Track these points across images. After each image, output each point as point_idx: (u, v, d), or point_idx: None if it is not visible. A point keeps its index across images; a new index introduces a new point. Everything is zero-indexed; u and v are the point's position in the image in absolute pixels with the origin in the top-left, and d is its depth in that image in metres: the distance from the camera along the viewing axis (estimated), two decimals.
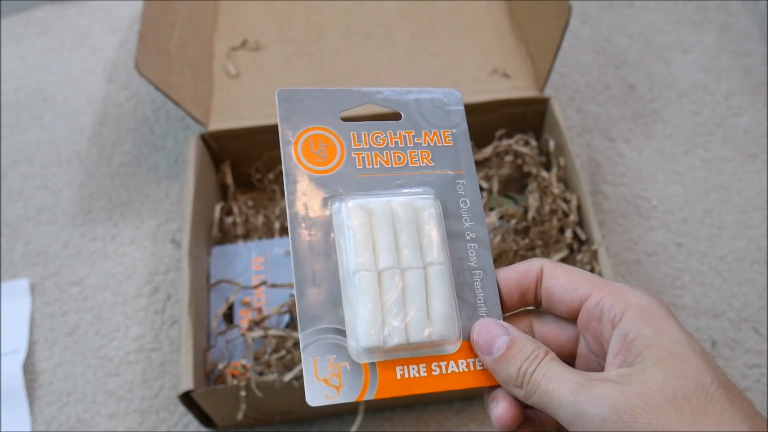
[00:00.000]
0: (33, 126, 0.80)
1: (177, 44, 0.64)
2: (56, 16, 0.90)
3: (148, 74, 0.57)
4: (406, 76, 0.69)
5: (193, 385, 0.50)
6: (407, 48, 0.71)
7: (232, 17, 0.75)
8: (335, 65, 0.70)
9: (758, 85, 0.79)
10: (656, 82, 0.80)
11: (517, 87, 0.66)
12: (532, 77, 0.67)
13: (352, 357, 0.30)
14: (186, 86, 0.63)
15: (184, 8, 0.68)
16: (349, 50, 0.71)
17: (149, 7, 0.62)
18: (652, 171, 0.73)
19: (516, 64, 0.68)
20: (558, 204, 0.60)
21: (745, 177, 0.72)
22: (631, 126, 0.76)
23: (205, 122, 0.64)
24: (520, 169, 0.66)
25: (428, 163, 0.34)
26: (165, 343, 0.63)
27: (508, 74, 0.68)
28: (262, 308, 0.57)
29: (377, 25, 0.73)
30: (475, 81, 0.67)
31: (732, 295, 0.64)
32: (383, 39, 0.72)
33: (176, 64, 0.63)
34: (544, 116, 0.67)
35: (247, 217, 0.65)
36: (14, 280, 0.68)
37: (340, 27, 0.73)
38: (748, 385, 0.59)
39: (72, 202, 0.73)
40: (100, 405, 0.61)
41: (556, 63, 0.82)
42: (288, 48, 0.72)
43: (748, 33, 0.84)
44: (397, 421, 0.58)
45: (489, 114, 0.66)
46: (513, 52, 0.70)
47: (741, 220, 0.69)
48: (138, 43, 0.58)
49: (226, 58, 0.71)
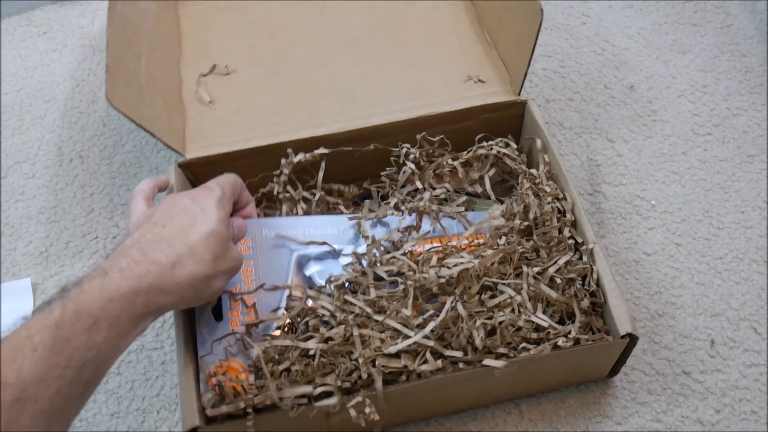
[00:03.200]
0: (34, 126, 0.80)
1: (145, 74, 0.63)
2: (58, 16, 0.90)
3: (120, 107, 0.56)
4: (381, 89, 0.68)
5: (199, 422, 0.49)
6: (378, 61, 0.71)
7: (195, 43, 0.74)
8: (307, 84, 0.69)
9: (757, 85, 0.79)
10: (655, 83, 0.80)
11: (493, 92, 0.66)
12: (506, 81, 0.67)
13: None
14: (159, 117, 0.62)
15: (148, 36, 0.67)
16: (319, 67, 0.70)
17: (113, 38, 0.60)
18: (651, 171, 0.73)
19: (489, 69, 0.68)
20: (554, 203, 0.60)
21: (744, 177, 0.72)
22: (630, 126, 0.76)
23: (182, 151, 0.63)
24: (501, 172, 0.66)
25: None
26: (166, 342, 0.64)
27: (483, 80, 0.68)
28: (255, 306, 0.55)
29: (345, 40, 0.73)
30: (450, 89, 0.67)
31: (731, 295, 0.65)
32: (353, 54, 0.71)
33: (147, 94, 0.62)
34: (522, 119, 0.67)
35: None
36: (16, 279, 0.68)
37: (308, 45, 0.73)
38: (747, 384, 0.60)
39: (73, 202, 0.73)
40: (102, 404, 0.61)
41: (556, 63, 0.83)
42: (257, 70, 0.71)
43: (747, 34, 0.84)
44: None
45: (467, 121, 0.66)
46: (485, 57, 0.70)
47: (740, 219, 0.69)
48: (107, 76, 0.56)
49: (197, 84, 0.70)
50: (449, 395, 0.55)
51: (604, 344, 0.53)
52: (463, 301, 0.53)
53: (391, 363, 0.51)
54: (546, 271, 0.56)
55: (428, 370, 0.51)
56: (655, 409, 0.59)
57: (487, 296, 0.54)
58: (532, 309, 0.54)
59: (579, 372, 0.58)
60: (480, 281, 0.55)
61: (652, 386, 0.60)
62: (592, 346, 0.52)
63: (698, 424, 0.58)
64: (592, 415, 0.59)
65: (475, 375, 0.51)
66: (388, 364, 0.51)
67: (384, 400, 0.50)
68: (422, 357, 0.52)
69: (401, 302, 0.53)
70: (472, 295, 0.54)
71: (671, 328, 0.63)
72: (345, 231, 0.61)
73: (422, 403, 0.55)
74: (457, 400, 0.58)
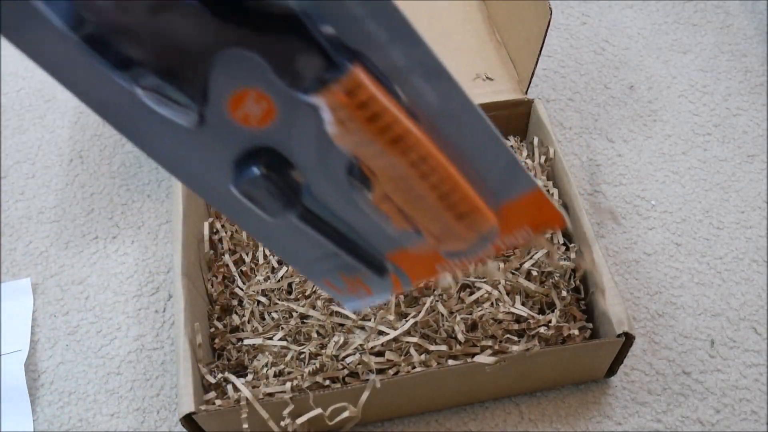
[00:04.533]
0: (35, 126, 0.80)
1: None
2: None
3: None
4: None
5: (194, 407, 0.49)
6: None
7: None
8: None
9: (757, 85, 0.79)
10: (655, 83, 0.80)
11: (501, 90, 0.67)
12: (514, 79, 0.67)
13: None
14: None
15: None
16: None
17: None
18: (651, 171, 0.73)
19: (498, 68, 0.69)
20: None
21: (744, 177, 0.72)
22: (631, 126, 0.76)
23: None
24: None
25: None
26: (166, 342, 0.64)
27: (491, 77, 0.68)
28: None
29: None
30: None
31: (731, 295, 0.65)
32: None
33: None
34: (529, 118, 0.67)
35: (232, 234, 0.65)
36: (16, 279, 0.68)
37: None
38: (747, 384, 0.60)
39: (73, 201, 0.73)
40: (102, 404, 0.61)
41: (556, 63, 0.83)
42: None
43: (747, 34, 0.84)
44: (397, 420, 0.59)
45: None
46: (494, 56, 0.70)
47: (740, 219, 0.69)
48: None
49: None
50: (441, 390, 0.56)
51: (600, 343, 0.53)
52: (443, 301, 0.54)
53: (377, 360, 0.53)
54: (522, 266, 0.57)
55: (414, 362, 0.52)
56: (655, 409, 0.59)
57: (466, 293, 0.55)
58: (510, 302, 0.55)
59: (575, 370, 0.58)
60: (458, 281, 0.56)
61: (652, 386, 0.60)
62: (587, 345, 0.53)
63: (698, 424, 0.58)
64: (592, 415, 0.59)
65: (463, 369, 0.52)
66: (375, 361, 0.53)
67: (375, 395, 0.51)
68: (406, 353, 0.53)
69: (386, 309, 0.54)
70: (451, 295, 0.55)
71: (671, 328, 0.63)
72: None
73: (414, 397, 0.56)
74: (450, 396, 0.58)
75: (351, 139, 0.26)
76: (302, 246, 0.30)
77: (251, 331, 0.57)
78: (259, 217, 0.29)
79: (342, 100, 0.25)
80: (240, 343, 0.57)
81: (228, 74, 0.25)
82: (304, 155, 0.28)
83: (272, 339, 0.56)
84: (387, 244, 0.30)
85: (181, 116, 0.26)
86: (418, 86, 0.27)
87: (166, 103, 0.25)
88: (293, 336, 0.56)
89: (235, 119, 0.26)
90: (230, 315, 0.59)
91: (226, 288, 0.61)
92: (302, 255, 0.30)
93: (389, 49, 0.26)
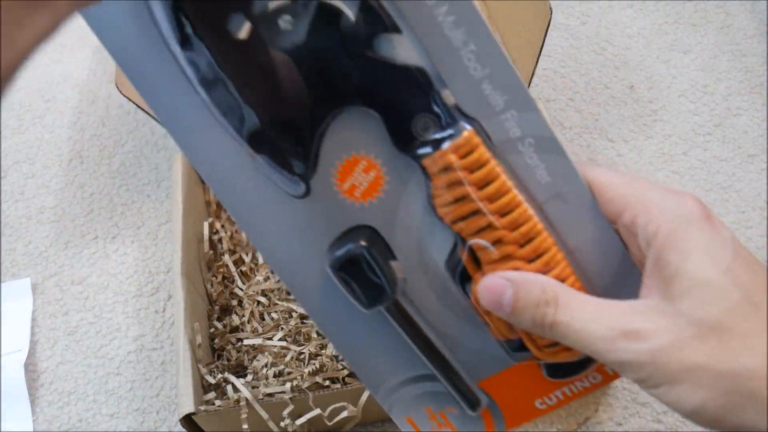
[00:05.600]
0: (34, 126, 0.80)
1: None
2: None
3: (128, 94, 0.55)
4: None
5: (194, 408, 0.49)
6: None
7: None
8: None
9: (757, 85, 0.79)
10: (655, 83, 0.80)
11: None
12: None
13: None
14: None
15: None
16: None
17: None
18: (651, 171, 0.73)
19: None
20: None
21: (744, 177, 0.72)
22: (631, 126, 0.76)
23: None
24: None
25: None
26: (166, 342, 0.64)
27: None
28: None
29: None
30: None
31: None
32: None
33: None
34: None
35: (232, 234, 0.65)
36: (16, 279, 0.68)
37: None
38: None
39: (73, 201, 0.73)
40: (101, 404, 0.61)
41: (556, 63, 0.83)
42: None
43: (747, 34, 0.84)
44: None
45: None
46: None
47: (740, 220, 0.69)
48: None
49: None
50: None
51: None
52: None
53: None
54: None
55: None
56: (655, 409, 0.59)
57: None
58: None
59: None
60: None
61: None
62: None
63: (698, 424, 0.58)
64: (593, 415, 0.59)
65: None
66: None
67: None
68: None
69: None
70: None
71: None
72: None
73: None
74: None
75: (457, 208, 0.25)
76: (393, 358, 0.28)
77: (251, 332, 0.57)
78: (350, 313, 0.27)
79: (454, 161, 0.24)
80: (240, 344, 0.57)
81: (341, 137, 0.25)
82: (406, 238, 0.27)
83: (272, 339, 0.56)
84: (482, 365, 0.28)
85: (290, 184, 0.25)
86: (530, 160, 0.26)
87: (279, 170, 0.25)
88: (293, 336, 0.56)
89: (341, 191, 0.26)
90: (230, 315, 0.59)
91: (225, 288, 0.61)
92: (391, 372, 0.28)
93: (504, 116, 0.25)
